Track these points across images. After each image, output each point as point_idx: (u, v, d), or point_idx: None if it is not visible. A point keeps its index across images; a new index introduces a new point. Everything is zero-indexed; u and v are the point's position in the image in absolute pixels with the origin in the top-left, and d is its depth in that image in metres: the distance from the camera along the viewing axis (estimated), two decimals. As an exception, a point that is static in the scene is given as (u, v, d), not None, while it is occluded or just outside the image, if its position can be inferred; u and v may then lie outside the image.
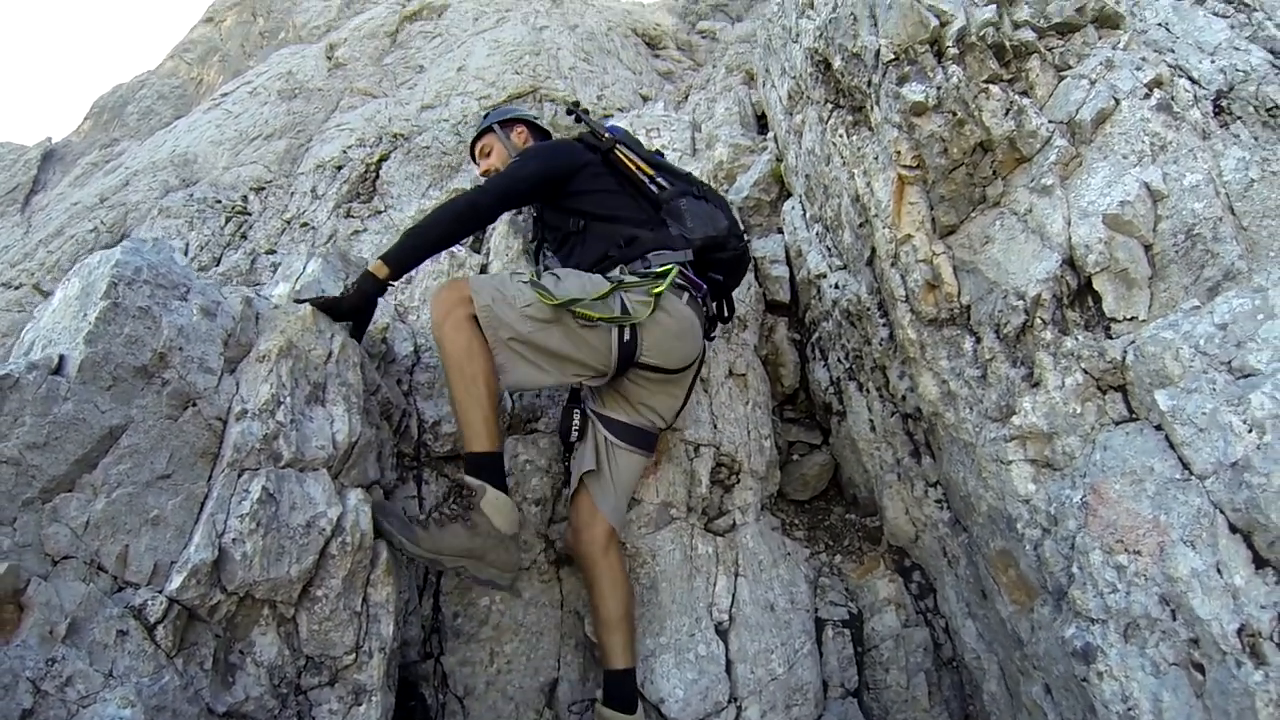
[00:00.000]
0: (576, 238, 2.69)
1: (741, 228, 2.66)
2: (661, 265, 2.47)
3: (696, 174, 3.95)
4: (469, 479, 2.19)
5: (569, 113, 3.13)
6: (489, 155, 3.11)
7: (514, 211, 3.46)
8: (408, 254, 2.40)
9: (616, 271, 2.48)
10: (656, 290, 2.36)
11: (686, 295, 2.50)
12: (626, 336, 2.32)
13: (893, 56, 2.55)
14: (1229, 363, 1.74)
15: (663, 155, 2.98)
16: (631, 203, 2.69)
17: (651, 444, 2.61)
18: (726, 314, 2.99)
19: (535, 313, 2.24)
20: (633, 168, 2.72)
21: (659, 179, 2.71)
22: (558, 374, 2.31)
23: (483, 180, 2.92)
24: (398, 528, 2.09)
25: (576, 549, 2.50)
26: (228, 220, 5.59)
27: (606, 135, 2.80)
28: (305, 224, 5.09)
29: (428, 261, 2.94)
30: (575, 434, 2.53)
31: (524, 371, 2.25)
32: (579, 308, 2.24)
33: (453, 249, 3.40)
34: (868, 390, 3.30)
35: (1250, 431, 1.61)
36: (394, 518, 2.13)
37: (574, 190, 2.67)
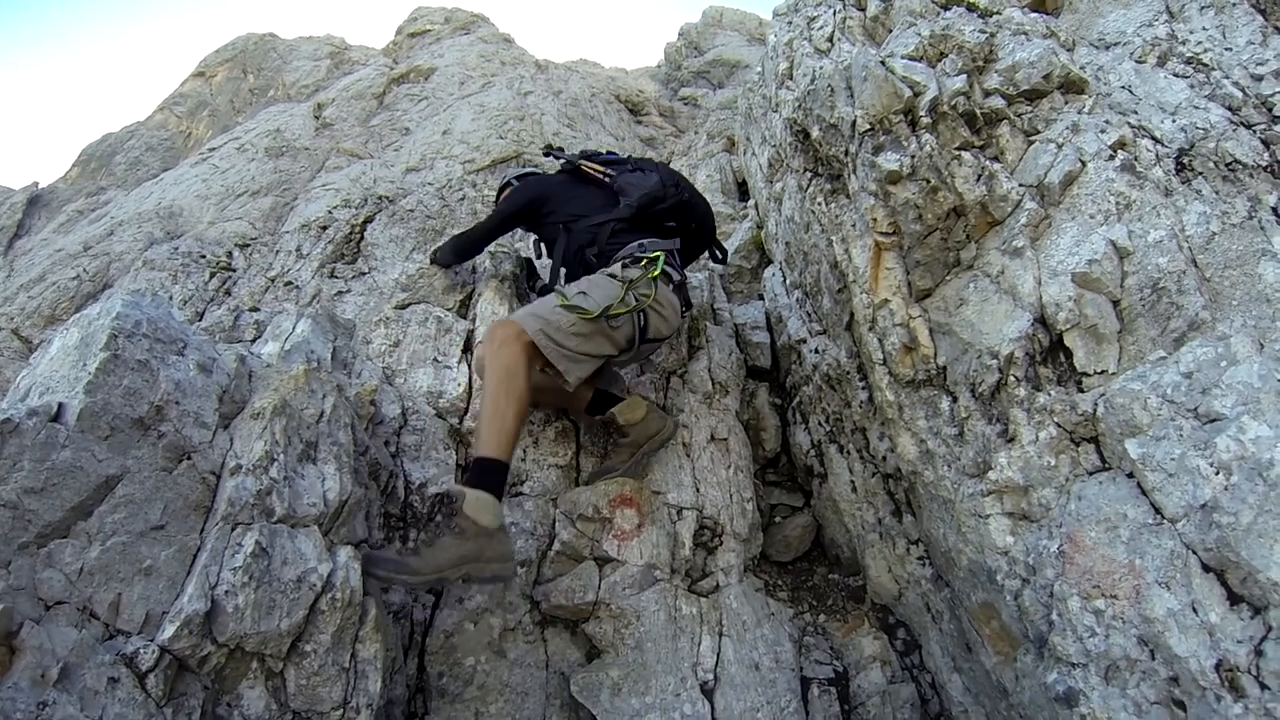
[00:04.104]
0: (561, 239, 3.32)
1: (677, 182, 3.39)
2: (652, 253, 3.05)
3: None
4: (451, 486, 2.41)
5: (545, 154, 3.86)
6: None
7: (502, 274, 3.91)
8: (448, 254, 3.75)
9: (617, 268, 2.99)
10: (654, 275, 2.94)
11: (671, 285, 3.09)
12: (642, 323, 2.86)
13: (868, 126, 2.67)
14: (1195, 409, 1.81)
15: (615, 154, 3.77)
16: (594, 196, 3.37)
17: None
18: (721, 257, 3.73)
19: (580, 329, 2.71)
20: (594, 171, 3.47)
21: (609, 171, 3.44)
22: (600, 360, 2.82)
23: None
24: (393, 569, 2.16)
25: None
26: (212, 275, 5.60)
27: (575, 158, 3.60)
28: (289, 283, 5.11)
29: (415, 327, 3.53)
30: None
31: (580, 370, 2.71)
32: (611, 312, 2.76)
33: (440, 315, 3.53)
34: (848, 452, 3.35)
35: (1218, 474, 1.69)
36: (386, 561, 2.19)
37: (549, 210, 3.40)
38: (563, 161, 3.67)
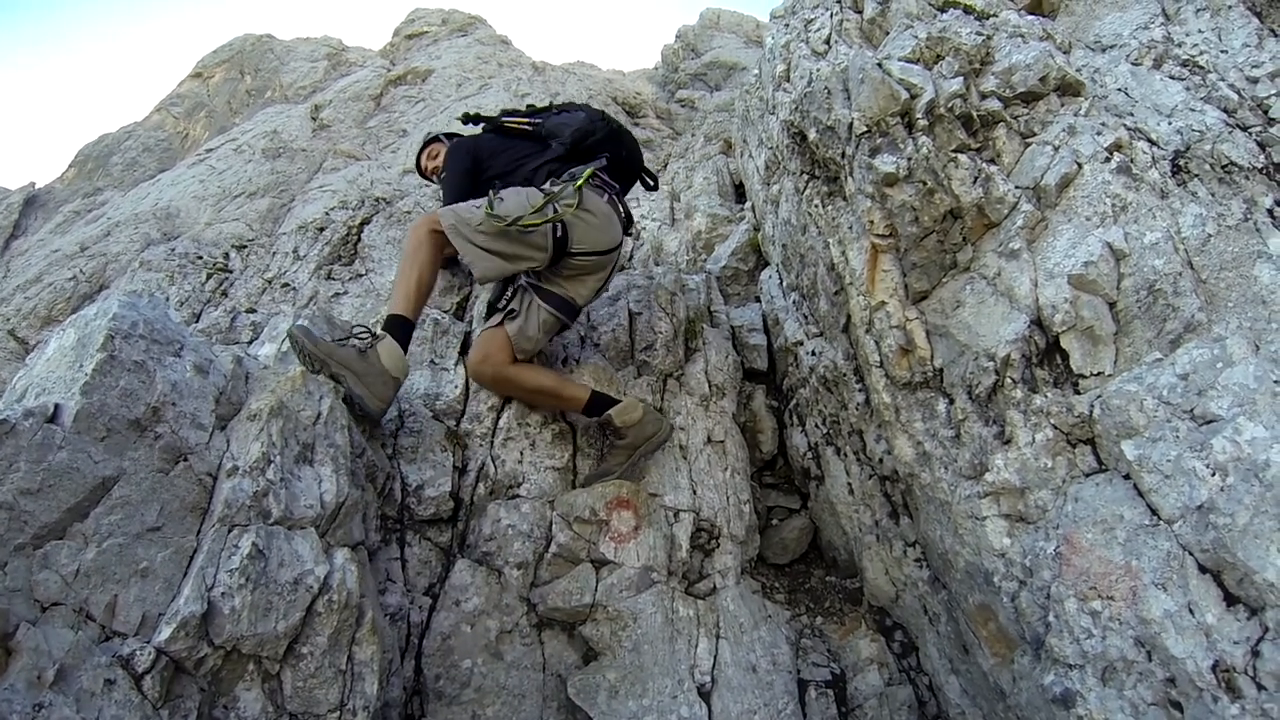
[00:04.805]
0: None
1: (604, 116, 3.53)
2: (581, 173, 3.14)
3: (674, 244, 4.41)
4: (377, 330, 2.76)
5: (465, 121, 3.81)
6: (436, 157, 4.01)
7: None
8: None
9: (547, 184, 3.11)
10: (578, 185, 3.03)
11: (606, 196, 3.21)
12: (559, 233, 2.95)
13: (865, 129, 2.67)
14: (1191, 411, 1.82)
15: (535, 106, 3.82)
16: (524, 147, 3.46)
17: (567, 312, 3.13)
18: (652, 184, 3.81)
19: (486, 228, 2.88)
20: (517, 125, 3.56)
21: (534, 120, 3.55)
22: (510, 265, 2.96)
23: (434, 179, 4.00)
24: (303, 334, 2.55)
25: (481, 371, 3.10)
26: (209, 277, 5.60)
27: (496, 117, 3.67)
28: (286, 284, 5.12)
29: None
30: (504, 304, 3.21)
31: (485, 265, 2.91)
32: (522, 222, 2.88)
33: (436, 317, 3.52)
34: (845, 454, 3.35)
35: (1214, 475, 1.69)
36: (316, 336, 2.58)
37: (485, 166, 3.41)
38: (484, 124, 3.73)
